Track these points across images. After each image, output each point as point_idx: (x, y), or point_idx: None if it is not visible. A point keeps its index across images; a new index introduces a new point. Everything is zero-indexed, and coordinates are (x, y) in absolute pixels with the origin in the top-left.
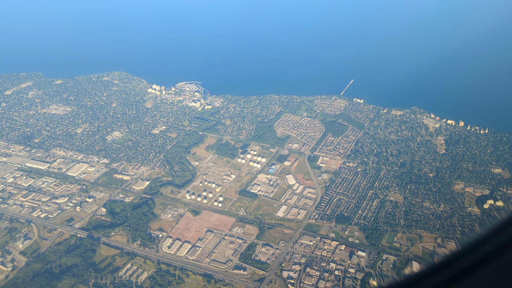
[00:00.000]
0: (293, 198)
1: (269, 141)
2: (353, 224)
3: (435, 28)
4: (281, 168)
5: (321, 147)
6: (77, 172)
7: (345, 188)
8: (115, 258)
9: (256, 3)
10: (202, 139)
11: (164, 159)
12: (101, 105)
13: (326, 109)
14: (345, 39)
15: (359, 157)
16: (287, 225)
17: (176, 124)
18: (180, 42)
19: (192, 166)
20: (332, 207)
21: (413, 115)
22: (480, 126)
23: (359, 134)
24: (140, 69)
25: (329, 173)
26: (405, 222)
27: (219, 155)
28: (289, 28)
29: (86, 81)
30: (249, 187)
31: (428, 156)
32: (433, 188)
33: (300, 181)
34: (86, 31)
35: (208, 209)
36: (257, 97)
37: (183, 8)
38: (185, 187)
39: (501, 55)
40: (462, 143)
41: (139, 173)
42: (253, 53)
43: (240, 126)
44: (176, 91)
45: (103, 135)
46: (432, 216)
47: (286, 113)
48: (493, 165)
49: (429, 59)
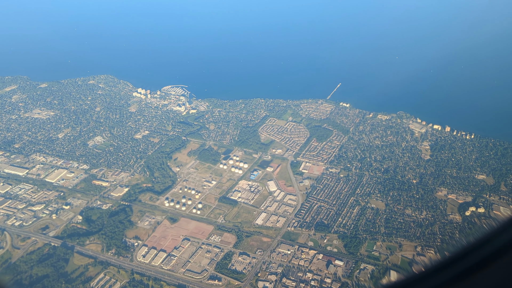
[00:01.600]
0: (273, 205)
1: (253, 146)
2: (332, 232)
3: (426, 31)
4: (263, 174)
5: (305, 152)
6: (55, 178)
7: (327, 194)
8: (88, 268)
9: (246, 4)
10: (184, 144)
11: (145, 165)
12: (84, 109)
13: (312, 114)
14: (335, 41)
15: (342, 162)
16: (265, 233)
17: (160, 129)
18: (168, 44)
19: (173, 172)
20: (312, 214)
21: (399, 120)
22: (467, 131)
23: (344, 139)
24: (127, 72)
25: (311, 179)
26: (385, 230)
27: (201, 160)
28: (279, 30)
29: (71, 85)
30: (229, 194)
31: (412, 162)
32: (415, 195)
33: (282, 188)
34: (75, 33)
35: (187, 217)
36: (243, 101)
37: (173, 11)
38: (164, 194)
39: (491, 60)
40: (448, 149)
41: (119, 179)
42: (242, 56)
43: (224, 131)
44: (162, 95)
45: (84, 140)
46: (413, 223)
47: (271, 118)
48: (477, 171)
49: (419, 62)
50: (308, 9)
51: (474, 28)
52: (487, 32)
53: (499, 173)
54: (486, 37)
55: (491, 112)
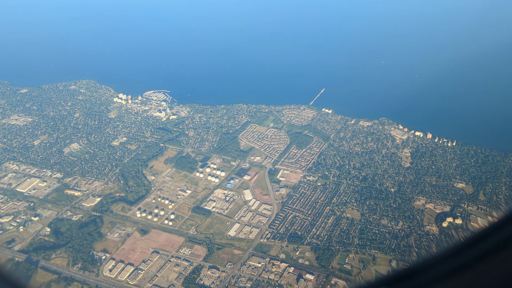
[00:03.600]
0: (247, 215)
1: (231, 153)
2: (305, 244)
3: (414, 35)
4: (240, 182)
5: (284, 160)
6: (27, 188)
7: (302, 204)
8: (51, 285)
9: (234, 8)
10: (162, 151)
11: (120, 173)
12: (63, 115)
13: (293, 120)
14: (322, 45)
15: (321, 170)
16: (237, 245)
17: (138, 135)
18: (151, 48)
19: (148, 181)
20: (286, 225)
21: (381, 126)
22: (449, 138)
23: (324, 146)
24: (109, 77)
25: (288, 187)
26: (359, 242)
27: (177, 168)
28: (266, 34)
29: (52, 90)
30: (203, 204)
31: (391, 170)
32: (393, 204)
33: (257, 197)
34: (60, 37)
35: (158, 228)
36: (225, 106)
37: (161, 15)
38: (137, 204)
39: (477, 66)
40: (428, 156)
41: (92, 188)
42: (227, 61)
43: (204, 138)
44: (143, 100)
45: (60, 147)
46: (388, 235)
47: (252, 124)
48: (457, 179)
49: (405, 67)
50: (295, 12)
51: (462, 34)
52: (475, 38)
53: (478, 181)
54: (474, 44)
55: (474, 119)
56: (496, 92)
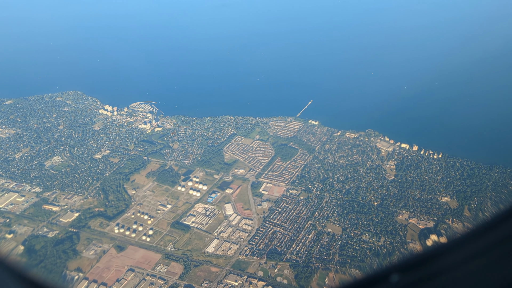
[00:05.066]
0: (227, 230)
1: (215, 166)
2: (284, 260)
3: (405, 45)
4: (222, 196)
5: (267, 172)
6: (4, 203)
7: (284, 218)
8: None
9: (223, 19)
10: (145, 164)
11: (100, 187)
12: (47, 127)
13: (280, 132)
14: (311, 56)
15: (304, 183)
16: (215, 262)
17: (121, 148)
18: (140, 59)
19: (128, 195)
20: (266, 240)
21: (366, 138)
22: (435, 151)
23: (308, 158)
24: (97, 88)
25: (270, 201)
26: (339, 258)
27: (159, 182)
28: (257, 44)
29: (38, 102)
30: (183, 219)
31: (375, 183)
32: (375, 218)
33: (239, 211)
34: (50, 48)
35: (135, 244)
36: (211, 118)
37: (150, 25)
38: (116, 219)
39: (466, 77)
40: (413, 169)
41: (71, 203)
42: (216, 71)
43: (188, 150)
44: (129, 112)
45: (42, 160)
46: (369, 251)
47: (238, 136)
48: (441, 193)
49: (394, 78)
50: (287, 24)
51: (453, 45)
52: (465, 49)
53: (463, 195)
54: (464, 55)
55: (461, 131)
56: (484, 104)
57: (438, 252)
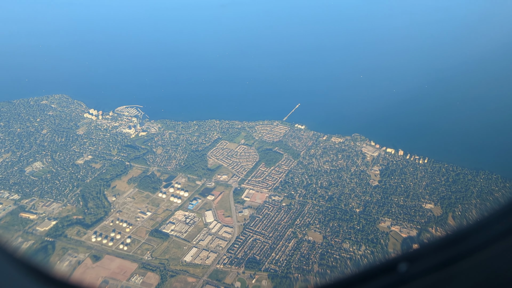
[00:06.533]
0: (206, 238)
1: (198, 172)
2: (263, 270)
3: (397, 48)
4: (203, 203)
5: (251, 178)
6: None
7: (265, 226)
8: None
9: (212, 22)
10: (127, 170)
11: (80, 193)
12: (30, 131)
13: (265, 136)
14: (301, 58)
15: (287, 189)
16: (192, 272)
17: (104, 153)
18: (128, 62)
19: (108, 202)
20: (245, 249)
21: (352, 143)
22: (420, 155)
23: (293, 163)
24: (83, 92)
25: (251, 208)
26: (319, 268)
27: (140, 189)
28: (247, 48)
29: (23, 105)
30: (162, 226)
31: (359, 189)
32: (356, 226)
33: (219, 218)
34: (39, 50)
35: (112, 254)
36: (197, 122)
37: (139, 28)
38: (94, 227)
39: (456, 81)
40: (398, 174)
41: (49, 210)
42: (205, 75)
43: (171, 155)
44: (114, 116)
45: (22, 166)
46: (349, 261)
47: (223, 141)
48: (426, 199)
49: (383, 81)
50: (277, 27)
51: (445, 46)
52: (457, 50)
53: (447, 202)
54: (455, 57)
55: (449, 135)
56: (473, 108)
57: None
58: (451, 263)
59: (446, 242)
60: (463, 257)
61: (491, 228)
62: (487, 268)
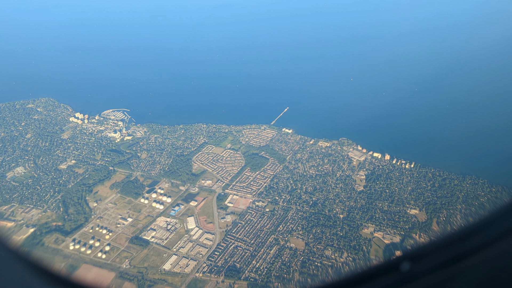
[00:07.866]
0: (187, 246)
1: (182, 177)
2: (242, 279)
3: (389, 51)
4: (185, 209)
5: (235, 183)
6: None
7: (247, 232)
8: None
9: (201, 25)
10: (110, 175)
11: (61, 199)
12: (14, 136)
13: (252, 140)
14: (292, 61)
15: (271, 195)
16: (170, 281)
17: (88, 157)
18: (115, 65)
19: (89, 208)
20: (226, 256)
21: (339, 147)
22: (407, 160)
23: (279, 168)
24: (70, 95)
25: (234, 214)
26: (299, 277)
27: (123, 194)
28: (238, 50)
29: (8, 109)
30: (143, 233)
31: (344, 194)
32: (339, 232)
33: (201, 225)
34: (28, 53)
35: (89, 262)
36: (183, 126)
37: (129, 31)
38: (73, 234)
39: (444, 88)
40: (383, 179)
41: (28, 217)
42: (194, 78)
43: (156, 160)
44: (100, 120)
45: (4, 171)
46: (331, 269)
47: (209, 145)
48: (410, 204)
49: (373, 84)
50: (269, 28)
51: (436, 48)
52: (449, 53)
53: (432, 208)
54: (447, 59)
55: (436, 139)
56: (461, 113)
57: (450, 239)
58: (454, 262)
59: (449, 241)
60: (466, 256)
61: (494, 226)
62: (491, 267)
